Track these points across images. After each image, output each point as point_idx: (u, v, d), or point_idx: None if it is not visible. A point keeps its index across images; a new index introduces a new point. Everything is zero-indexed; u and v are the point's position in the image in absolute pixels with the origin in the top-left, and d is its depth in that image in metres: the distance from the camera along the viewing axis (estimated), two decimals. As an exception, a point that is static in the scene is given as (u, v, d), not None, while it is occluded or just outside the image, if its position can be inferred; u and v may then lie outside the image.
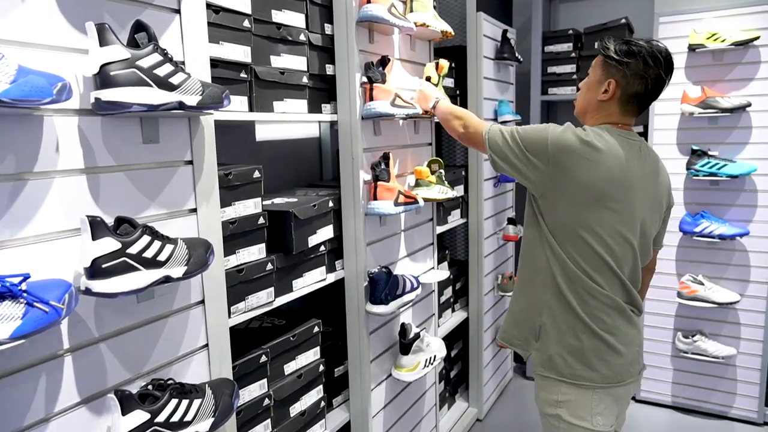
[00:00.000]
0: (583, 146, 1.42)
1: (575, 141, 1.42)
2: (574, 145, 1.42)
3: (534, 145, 1.47)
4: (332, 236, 1.85)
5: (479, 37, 2.76)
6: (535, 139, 1.47)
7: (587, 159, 1.41)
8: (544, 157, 1.45)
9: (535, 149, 1.46)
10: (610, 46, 1.46)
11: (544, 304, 1.53)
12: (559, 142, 1.43)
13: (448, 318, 2.87)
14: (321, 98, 1.84)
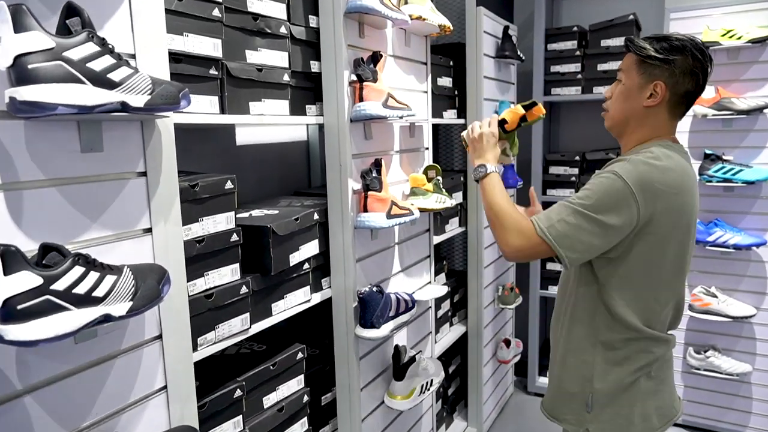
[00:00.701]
0: (665, 178, 1.23)
1: (658, 176, 1.22)
2: (658, 181, 1.22)
3: (614, 208, 1.20)
4: (317, 252, 1.66)
5: (479, 34, 2.58)
6: (613, 200, 1.20)
7: (674, 193, 1.24)
8: (629, 215, 1.21)
9: (617, 212, 1.20)
10: (646, 45, 1.29)
11: (597, 370, 1.36)
12: (644, 185, 1.20)
13: (445, 333, 2.68)
14: (305, 98, 1.65)
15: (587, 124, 3.34)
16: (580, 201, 1.22)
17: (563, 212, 1.23)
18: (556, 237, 1.22)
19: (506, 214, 1.31)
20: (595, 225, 1.21)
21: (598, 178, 1.24)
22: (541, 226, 1.23)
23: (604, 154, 3.03)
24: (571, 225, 1.21)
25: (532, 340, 3.35)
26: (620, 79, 1.35)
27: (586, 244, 1.22)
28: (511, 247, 1.28)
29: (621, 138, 1.39)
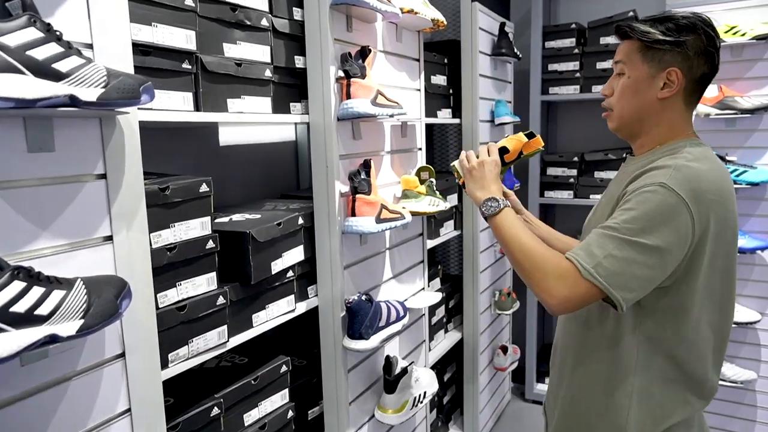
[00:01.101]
0: (714, 185, 1.07)
1: (707, 183, 1.06)
2: (708, 189, 1.06)
3: (667, 227, 1.03)
4: (303, 259, 1.57)
5: (474, 30, 2.49)
6: (664, 218, 1.03)
7: (722, 201, 1.09)
8: (685, 233, 1.05)
9: (672, 232, 1.03)
10: (650, 29, 1.14)
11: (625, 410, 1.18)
12: (697, 195, 1.04)
13: (440, 340, 2.59)
14: (289, 96, 1.56)
15: (586, 123, 3.25)
16: (626, 226, 1.02)
17: (608, 244, 1.03)
18: (608, 277, 1.01)
19: (538, 255, 1.09)
20: (649, 254, 1.02)
21: (642, 194, 1.04)
22: (585, 267, 1.02)
23: (604, 155, 2.95)
24: (622, 259, 1.01)
25: (530, 346, 3.26)
26: (622, 72, 1.18)
27: (643, 279, 1.03)
28: (557, 298, 1.05)
29: (634, 139, 1.23)
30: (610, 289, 1.02)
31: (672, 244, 1.04)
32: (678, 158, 1.09)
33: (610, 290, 1.02)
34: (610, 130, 1.26)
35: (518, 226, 1.17)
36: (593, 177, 2.99)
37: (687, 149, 1.13)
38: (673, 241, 1.04)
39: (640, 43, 1.15)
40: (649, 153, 1.19)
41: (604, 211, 1.18)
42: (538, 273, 1.08)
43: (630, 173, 1.16)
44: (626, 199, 1.08)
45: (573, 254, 1.06)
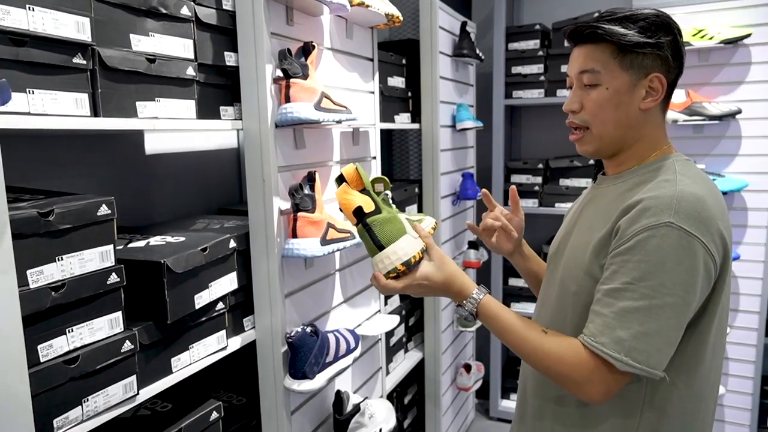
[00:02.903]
0: (715, 208, 0.93)
1: (709, 207, 0.91)
2: (712, 215, 0.91)
3: (689, 274, 0.89)
4: (236, 288, 1.35)
5: (434, 29, 2.32)
6: (684, 265, 0.88)
7: (726, 226, 0.95)
8: (706, 272, 0.91)
9: (694, 276, 0.89)
10: (622, 29, 0.97)
11: None
12: (706, 224, 0.90)
13: (400, 361, 2.40)
14: (218, 98, 1.34)
15: (550, 129, 3.13)
16: (642, 287, 0.88)
17: (632, 320, 0.88)
18: (646, 362, 0.87)
19: (556, 358, 0.94)
20: (678, 312, 0.88)
21: (648, 239, 0.88)
22: (618, 358, 0.88)
23: (569, 162, 2.82)
24: (653, 334, 0.88)
25: (494, 361, 3.11)
26: (594, 83, 1.00)
27: (675, 340, 0.90)
28: (599, 399, 0.92)
29: (613, 159, 1.06)
30: (653, 370, 0.88)
31: (697, 290, 0.89)
32: (672, 182, 0.94)
33: (654, 372, 0.88)
34: (585, 153, 1.07)
35: (515, 319, 1.00)
36: (558, 185, 2.87)
37: (677, 168, 0.98)
38: (697, 286, 0.89)
39: (614, 47, 0.98)
40: (630, 172, 1.03)
41: (587, 241, 1.01)
42: (567, 379, 0.94)
43: (614, 200, 1.00)
44: (625, 243, 0.91)
45: (597, 343, 0.90)
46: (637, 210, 0.92)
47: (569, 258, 1.06)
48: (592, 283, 0.98)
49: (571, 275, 1.03)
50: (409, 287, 1.04)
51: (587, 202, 1.11)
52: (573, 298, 1.02)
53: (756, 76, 2.42)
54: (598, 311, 0.93)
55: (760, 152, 2.44)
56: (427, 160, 2.40)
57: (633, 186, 0.99)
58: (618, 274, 0.91)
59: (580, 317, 1.00)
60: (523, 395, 1.17)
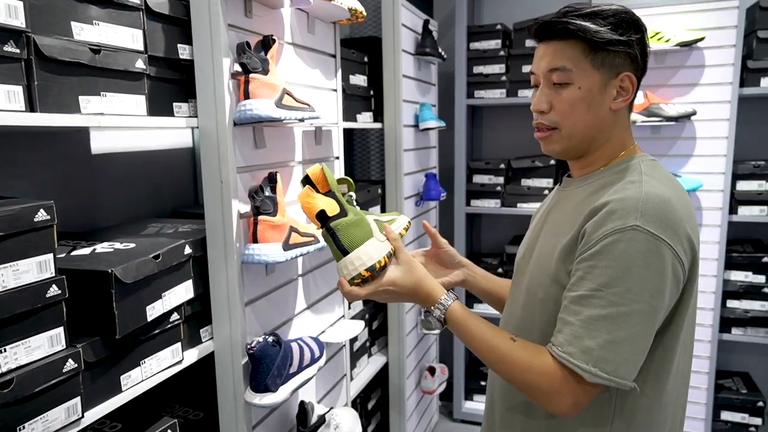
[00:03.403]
0: (684, 210, 0.91)
1: (677, 210, 0.88)
2: (681, 217, 0.89)
3: (658, 278, 0.86)
4: (192, 297, 1.26)
5: (397, 27, 2.27)
6: (652, 270, 0.85)
7: (693, 227, 0.92)
8: (675, 277, 0.88)
9: (663, 281, 0.86)
10: (594, 26, 0.92)
11: None
12: (674, 226, 0.87)
13: (363, 366, 2.34)
14: (171, 94, 1.25)
15: (512, 129, 3.13)
16: (610, 294, 0.84)
17: (599, 328, 0.84)
18: (615, 372, 0.84)
19: (524, 366, 0.90)
20: (647, 320, 0.85)
21: (614, 244, 0.85)
22: (587, 369, 0.84)
23: (531, 162, 2.83)
24: (621, 342, 0.84)
25: (458, 363, 3.09)
26: (564, 81, 0.95)
27: (644, 348, 0.87)
28: (567, 411, 0.88)
29: (580, 160, 1.03)
30: (621, 380, 0.85)
31: (665, 296, 0.86)
32: (638, 183, 0.91)
33: (623, 383, 0.85)
34: (551, 153, 1.03)
35: (484, 326, 0.97)
36: (520, 185, 2.87)
37: (642, 169, 0.95)
38: (666, 292, 0.86)
39: (585, 44, 0.94)
40: (596, 174, 1.00)
41: (553, 246, 0.97)
42: (534, 388, 0.90)
43: (580, 203, 0.97)
44: (591, 248, 0.88)
45: (564, 353, 0.87)
46: (602, 213, 0.88)
47: (536, 264, 1.02)
48: (558, 290, 0.94)
49: (537, 282, 0.99)
50: (375, 293, 1.00)
51: (553, 205, 1.08)
52: (540, 305, 0.98)
53: (709, 78, 2.47)
54: (565, 319, 0.89)
55: (714, 153, 2.50)
56: (390, 160, 2.35)
57: (599, 188, 0.96)
58: (584, 281, 0.88)
59: (547, 325, 0.96)
60: (491, 404, 1.14)
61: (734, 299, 2.57)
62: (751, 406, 2.59)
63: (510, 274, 1.21)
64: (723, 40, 2.43)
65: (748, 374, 2.83)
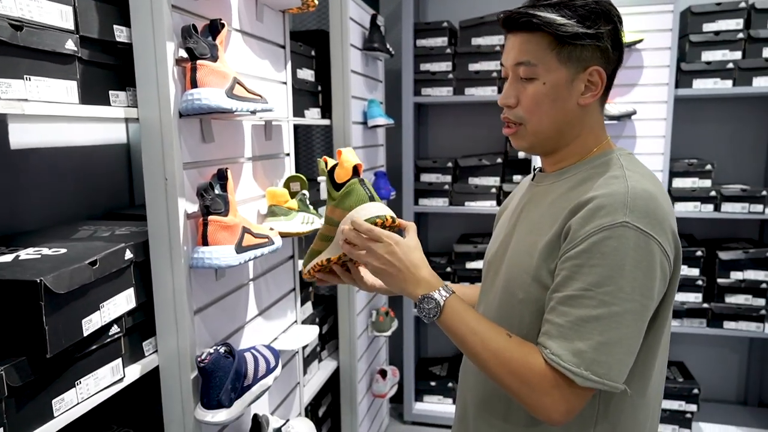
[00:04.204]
0: (665, 203, 0.89)
1: (660, 203, 0.86)
2: (664, 211, 0.87)
3: (647, 276, 0.83)
4: (134, 307, 1.14)
5: (345, 20, 2.19)
6: (643, 268, 0.82)
7: (674, 220, 0.90)
8: (663, 273, 0.86)
9: (652, 279, 0.84)
10: (560, 19, 0.88)
11: None
12: (660, 221, 0.84)
13: (314, 372, 2.25)
14: (107, 80, 1.12)
15: (459, 127, 3.12)
16: (604, 297, 0.80)
17: (590, 329, 0.81)
18: (607, 375, 0.80)
19: (517, 365, 0.85)
20: (637, 319, 0.83)
21: (604, 242, 0.81)
22: (578, 372, 0.80)
23: (478, 161, 2.82)
24: (613, 344, 0.81)
25: (407, 364, 3.04)
26: (530, 76, 0.92)
27: (635, 348, 0.84)
28: (559, 418, 0.83)
29: (549, 155, 1.00)
30: (613, 383, 0.81)
31: (655, 293, 0.84)
32: (622, 178, 0.88)
33: (614, 385, 0.82)
34: (520, 149, 1.00)
35: (485, 324, 0.91)
36: (468, 183, 2.86)
37: (623, 163, 0.92)
38: (655, 290, 0.84)
39: (551, 37, 0.90)
40: (572, 168, 0.97)
41: (533, 243, 0.93)
42: (524, 386, 0.85)
43: (559, 198, 0.93)
44: (578, 245, 0.84)
45: (554, 356, 0.82)
46: (588, 209, 0.85)
47: (513, 263, 0.98)
48: (540, 290, 0.90)
49: (516, 281, 0.95)
50: (386, 241, 0.94)
51: (526, 201, 1.04)
52: (520, 306, 0.94)
53: (648, 79, 2.56)
54: (553, 321, 0.85)
55: (653, 151, 2.59)
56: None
57: (578, 183, 0.93)
58: (572, 280, 0.84)
59: (530, 328, 0.92)
60: (463, 410, 1.08)
61: (672, 292, 2.67)
62: (687, 393, 2.70)
63: (459, 273, 1.16)
64: (659, 42, 2.52)
65: (683, 363, 2.96)
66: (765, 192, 2.50)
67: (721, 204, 2.56)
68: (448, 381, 3.07)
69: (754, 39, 2.49)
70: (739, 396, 3.00)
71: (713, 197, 2.57)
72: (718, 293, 2.64)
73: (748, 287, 2.60)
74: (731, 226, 2.86)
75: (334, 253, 1.01)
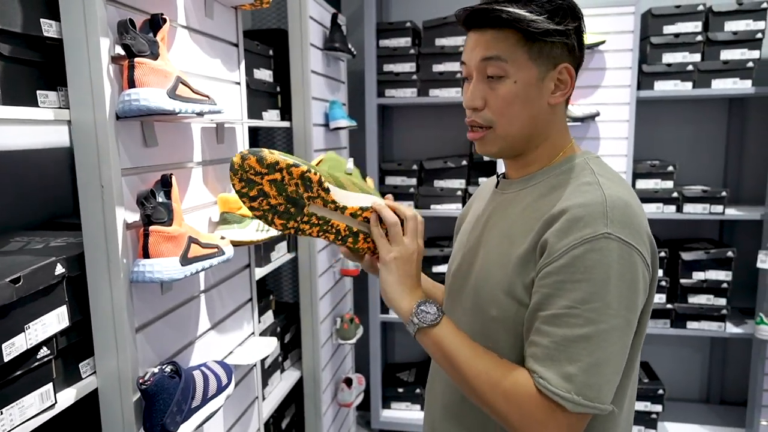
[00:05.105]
0: (640, 208, 0.86)
1: (634, 209, 0.82)
2: (641, 216, 0.84)
3: (631, 289, 0.79)
4: (67, 326, 1.04)
5: (304, 18, 2.12)
6: (626, 280, 0.78)
7: (648, 225, 0.86)
8: (644, 283, 0.82)
9: (636, 292, 0.80)
10: (530, 15, 0.84)
11: None
12: (638, 229, 0.81)
13: (276, 383, 2.18)
14: (33, 79, 1.02)
15: (423, 129, 3.08)
16: (590, 315, 0.76)
17: (579, 351, 0.76)
18: (598, 398, 0.76)
19: (510, 391, 0.80)
20: (623, 335, 0.78)
21: (586, 255, 0.77)
22: (569, 398, 0.75)
23: (443, 163, 2.78)
24: (602, 364, 0.76)
25: (374, 370, 2.98)
26: (499, 74, 0.87)
27: (622, 366, 0.80)
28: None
29: (517, 160, 0.95)
30: (603, 406, 0.77)
31: (638, 306, 0.80)
32: (595, 185, 0.84)
33: (605, 407, 0.77)
34: (486, 154, 0.94)
35: (472, 346, 0.87)
36: (433, 186, 2.82)
37: (593, 169, 0.88)
38: (639, 302, 0.80)
39: (520, 34, 0.86)
40: (538, 174, 0.93)
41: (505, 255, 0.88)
42: (514, 411, 0.80)
43: (529, 207, 0.89)
44: (557, 260, 0.79)
45: (543, 380, 0.77)
46: (565, 221, 0.80)
47: (482, 277, 0.92)
48: (514, 306, 0.85)
49: (487, 297, 0.90)
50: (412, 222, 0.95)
51: (492, 211, 0.98)
52: (494, 324, 0.88)
53: (611, 81, 2.56)
54: (538, 342, 0.80)
55: (617, 153, 2.59)
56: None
57: (548, 190, 0.89)
58: (555, 298, 0.79)
59: (509, 349, 0.87)
60: (431, 422, 1.03)
61: (636, 293, 2.68)
62: (653, 394, 2.72)
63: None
64: (621, 44, 2.52)
65: (648, 363, 2.98)
66: (724, 193, 2.53)
67: (683, 205, 2.58)
68: (415, 387, 3.02)
69: (713, 41, 2.52)
70: (702, 394, 3.04)
71: (675, 198, 2.59)
72: (681, 293, 2.66)
73: (709, 287, 2.62)
74: (693, 227, 2.89)
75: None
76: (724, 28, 2.51)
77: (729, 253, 2.58)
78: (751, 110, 2.77)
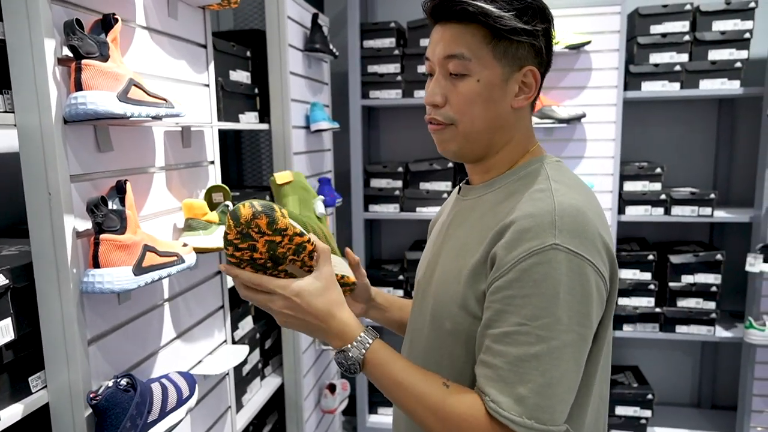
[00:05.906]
0: (597, 216, 0.82)
1: (590, 217, 0.78)
2: (596, 225, 0.79)
3: (585, 302, 0.75)
4: (13, 339, 1.00)
5: (282, 19, 2.08)
6: (577, 293, 0.74)
7: (607, 232, 0.83)
8: (599, 295, 0.78)
9: (589, 304, 0.76)
10: (497, 11, 0.80)
11: None
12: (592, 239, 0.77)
13: (256, 391, 2.13)
14: (-25, 83, 0.98)
15: (408, 131, 3.04)
16: (541, 332, 0.72)
17: (530, 371, 0.72)
18: (551, 420, 0.73)
19: (459, 421, 0.75)
20: (576, 352, 0.75)
21: (534, 268, 0.73)
22: (522, 421, 0.71)
23: (429, 165, 2.75)
24: (555, 384, 0.73)
25: (361, 376, 2.94)
26: (462, 72, 0.83)
27: (576, 384, 0.77)
28: None
29: (479, 164, 0.91)
30: (559, 428, 0.74)
31: (593, 320, 0.76)
32: (547, 192, 0.80)
33: (558, 429, 0.74)
34: (446, 153, 0.91)
35: (397, 375, 0.81)
36: (419, 189, 2.78)
37: (549, 174, 0.84)
38: (593, 316, 0.76)
39: (486, 31, 0.82)
40: (500, 179, 0.89)
41: (459, 267, 0.85)
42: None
43: (485, 216, 0.85)
44: (505, 274, 0.75)
45: (494, 404, 0.73)
46: (513, 231, 0.77)
47: (439, 288, 0.89)
48: (468, 319, 0.82)
49: (443, 310, 0.86)
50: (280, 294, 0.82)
51: (452, 219, 0.95)
52: (450, 338, 0.85)
53: (597, 81, 2.52)
54: (489, 362, 0.76)
55: (603, 154, 2.55)
56: (278, 164, 2.16)
57: (505, 197, 0.85)
58: (505, 314, 0.75)
59: (464, 363, 0.84)
60: None
61: (624, 297, 2.64)
62: (642, 399, 2.68)
63: (412, 280, 1.08)
64: (608, 44, 2.49)
65: (638, 367, 2.94)
66: (713, 195, 2.49)
67: (672, 207, 2.54)
68: (402, 392, 2.97)
69: (700, 41, 2.48)
70: (693, 399, 3.00)
71: (663, 200, 2.55)
72: (670, 297, 2.62)
73: (698, 291, 2.58)
74: (682, 229, 2.85)
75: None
76: (712, 27, 2.47)
77: (718, 256, 2.54)
78: (740, 111, 2.73)
